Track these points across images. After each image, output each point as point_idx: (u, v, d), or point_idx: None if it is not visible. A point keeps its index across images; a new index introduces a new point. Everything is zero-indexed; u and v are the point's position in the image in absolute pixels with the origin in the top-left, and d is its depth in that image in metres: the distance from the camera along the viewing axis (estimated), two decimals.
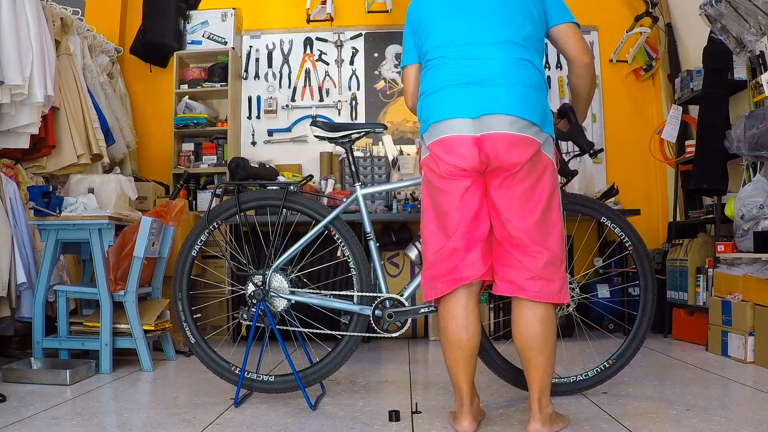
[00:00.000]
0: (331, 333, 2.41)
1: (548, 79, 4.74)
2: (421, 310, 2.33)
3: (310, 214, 2.41)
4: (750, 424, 1.97)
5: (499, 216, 1.91)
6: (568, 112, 2.29)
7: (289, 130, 4.79)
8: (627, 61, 4.72)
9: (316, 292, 2.40)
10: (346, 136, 2.40)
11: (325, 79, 4.82)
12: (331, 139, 2.42)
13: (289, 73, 4.84)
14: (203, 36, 4.66)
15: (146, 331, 3.11)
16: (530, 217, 1.89)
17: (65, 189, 3.48)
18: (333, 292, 2.43)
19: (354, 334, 2.36)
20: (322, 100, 4.81)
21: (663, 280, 3.89)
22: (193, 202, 4.51)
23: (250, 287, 2.34)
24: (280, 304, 2.36)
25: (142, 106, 4.82)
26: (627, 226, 2.39)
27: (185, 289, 2.46)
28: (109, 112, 4.19)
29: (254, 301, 2.32)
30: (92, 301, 3.22)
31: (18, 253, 3.10)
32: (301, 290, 2.39)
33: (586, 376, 2.38)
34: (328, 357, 2.38)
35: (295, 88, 4.82)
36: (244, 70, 4.85)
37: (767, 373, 2.76)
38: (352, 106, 4.79)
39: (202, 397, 2.47)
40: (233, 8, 4.67)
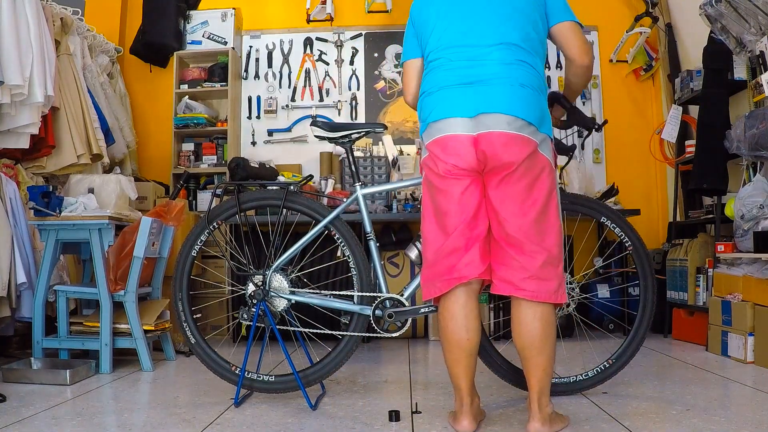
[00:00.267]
0: (332, 333, 2.41)
1: (548, 79, 4.73)
2: (422, 310, 2.33)
3: (310, 214, 2.41)
4: (750, 424, 1.97)
5: (497, 215, 1.91)
6: (560, 98, 2.30)
7: (289, 130, 4.79)
8: (627, 61, 4.72)
9: (316, 292, 2.40)
10: (346, 136, 2.40)
11: (325, 79, 4.82)
12: (331, 139, 2.42)
13: (289, 73, 4.84)
14: (203, 36, 4.66)
15: (146, 331, 3.11)
16: (527, 216, 1.89)
17: (65, 189, 3.48)
18: (333, 292, 2.43)
19: (354, 334, 2.36)
20: (322, 100, 4.81)
21: (663, 280, 3.89)
22: (193, 202, 4.51)
23: (251, 287, 2.34)
24: (281, 304, 2.36)
25: (142, 106, 4.82)
26: (627, 227, 2.39)
27: (185, 289, 2.46)
28: (109, 112, 4.19)
29: (254, 301, 2.32)
30: (92, 301, 3.22)
31: (18, 253, 3.10)
32: (301, 290, 2.38)
33: (586, 376, 2.38)
34: (328, 357, 2.38)
35: (295, 88, 4.82)
36: (244, 70, 4.86)
37: (767, 373, 2.76)
38: (352, 106, 4.79)
39: (202, 397, 2.47)
40: (233, 8, 4.67)
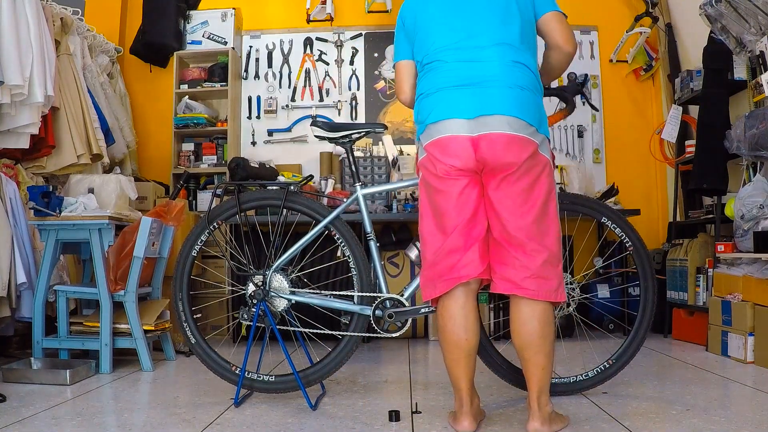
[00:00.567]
0: (332, 333, 2.41)
1: None
2: (422, 310, 2.33)
3: (310, 214, 2.41)
4: (750, 424, 1.97)
5: (497, 215, 1.92)
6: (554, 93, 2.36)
7: (289, 130, 4.79)
8: (627, 61, 4.72)
9: (316, 292, 2.40)
10: (347, 136, 2.40)
11: (325, 79, 4.82)
12: (331, 139, 2.42)
13: (289, 73, 4.84)
14: (203, 36, 4.66)
15: (146, 331, 3.11)
16: (528, 216, 1.90)
17: (65, 189, 3.48)
18: (333, 292, 2.43)
19: (354, 334, 2.36)
20: (322, 100, 4.81)
21: (663, 280, 3.89)
22: (193, 202, 4.51)
23: (251, 287, 2.34)
24: (281, 304, 2.36)
25: (142, 106, 4.81)
26: (627, 227, 2.39)
27: (185, 289, 2.46)
28: (109, 112, 4.19)
29: (254, 301, 2.32)
30: (92, 301, 3.22)
31: (18, 253, 3.10)
32: (301, 290, 2.39)
33: (586, 376, 2.38)
34: (328, 357, 2.38)
35: (295, 88, 4.82)
36: (244, 70, 4.85)
37: (767, 373, 2.76)
38: (352, 106, 4.79)
39: (202, 397, 2.47)
40: (233, 8, 4.67)
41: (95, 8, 4.65)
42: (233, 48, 4.63)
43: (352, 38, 4.84)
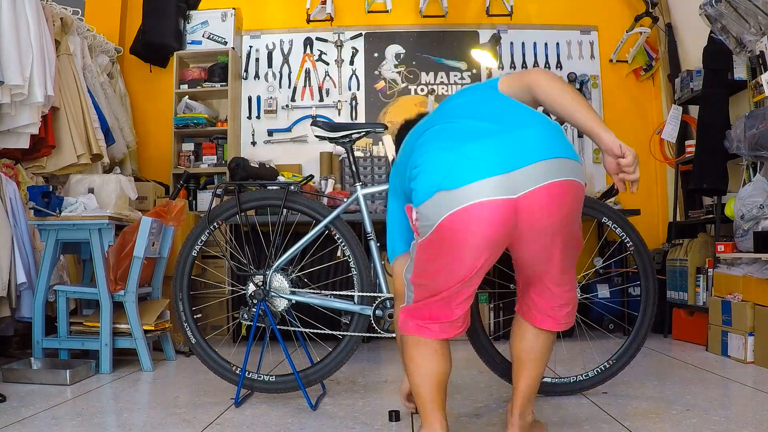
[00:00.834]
0: (332, 333, 2.41)
1: None
2: None
3: (310, 214, 2.41)
4: (750, 424, 1.97)
5: (526, 262, 1.68)
6: None
7: (289, 130, 4.79)
8: (627, 61, 4.72)
9: (316, 292, 2.40)
10: (347, 136, 2.40)
11: (325, 79, 4.82)
12: (331, 139, 2.42)
13: (289, 73, 4.84)
14: (203, 36, 4.66)
15: (146, 331, 3.10)
16: (567, 261, 1.69)
17: (65, 189, 3.48)
18: (333, 292, 2.43)
19: (354, 334, 2.36)
20: (322, 100, 4.80)
21: (663, 280, 3.89)
22: (193, 202, 4.51)
23: (251, 287, 2.34)
24: (281, 304, 2.36)
25: (142, 106, 4.81)
26: (628, 227, 2.38)
27: (186, 289, 2.46)
28: (109, 112, 4.19)
29: (255, 301, 2.32)
30: (92, 301, 3.22)
31: (18, 253, 3.10)
32: (301, 290, 2.38)
33: (586, 376, 2.38)
34: (328, 357, 2.38)
35: (295, 88, 4.82)
36: (244, 70, 4.85)
37: (767, 373, 2.76)
38: (352, 106, 4.79)
39: (202, 397, 2.47)
40: (233, 8, 4.67)
41: (95, 8, 4.65)
42: (233, 48, 4.63)
43: (352, 38, 4.84)
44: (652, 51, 4.67)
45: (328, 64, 4.84)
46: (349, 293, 2.39)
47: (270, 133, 4.79)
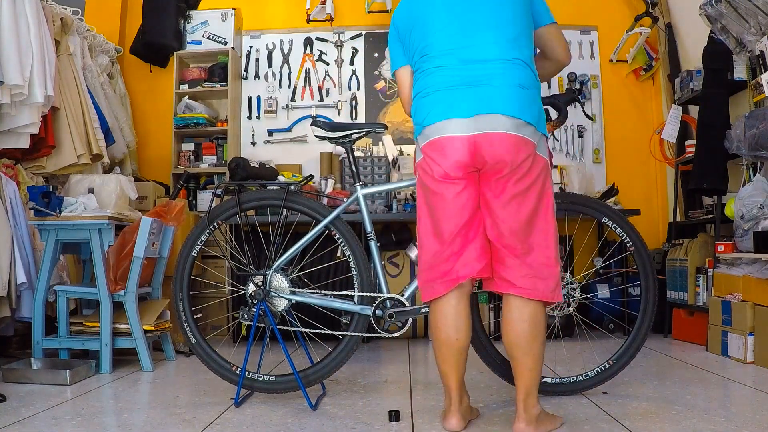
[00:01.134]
0: (332, 333, 2.41)
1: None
2: (422, 310, 2.33)
3: (310, 214, 2.41)
4: (750, 424, 1.97)
5: (492, 216, 1.91)
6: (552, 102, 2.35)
7: (289, 130, 4.79)
8: (627, 61, 4.72)
9: (316, 292, 2.40)
10: (347, 136, 2.40)
11: (325, 79, 4.82)
12: (331, 139, 2.42)
13: (289, 73, 4.84)
14: (203, 36, 4.66)
15: (146, 331, 3.11)
16: (522, 216, 1.89)
17: (65, 189, 3.48)
18: (333, 292, 2.43)
19: (354, 334, 2.36)
20: (322, 100, 4.81)
21: (663, 280, 3.89)
22: (193, 202, 4.51)
23: (251, 287, 2.34)
24: (281, 304, 2.36)
25: (142, 106, 4.81)
26: (628, 227, 2.38)
27: (186, 289, 2.46)
28: (109, 112, 4.19)
29: (255, 301, 2.32)
30: (92, 301, 3.22)
31: (18, 253, 3.10)
32: (301, 290, 2.39)
33: (586, 376, 2.38)
34: (328, 357, 2.38)
35: (295, 88, 4.82)
36: (244, 70, 4.85)
37: (767, 373, 2.76)
38: (352, 106, 4.79)
39: (202, 397, 2.47)
40: (233, 8, 4.66)
41: (95, 8, 4.65)
42: (233, 48, 4.63)
43: (352, 38, 4.84)
44: (652, 51, 4.67)
45: (328, 64, 4.84)
46: (349, 293, 2.39)
47: (270, 133, 4.79)
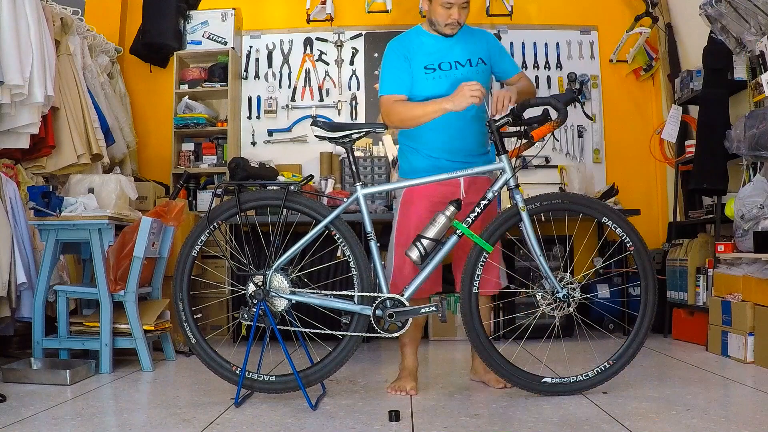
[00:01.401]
0: (332, 333, 2.41)
1: (548, 79, 4.74)
2: (422, 310, 2.33)
3: (310, 214, 2.41)
4: (750, 424, 1.97)
5: None
6: (522, 112, 2.38)
7: (289, 130, 4.79)
8: (627, 61, 4.71)
9: (316, 292, 2.40)
10: (347, 136, 2.40)
11: (325, 79, 4.82)
12: (331, 139, 2.42)
13: (289, 73, 4.84)
14: (203, 36, 4.65)
15: (146, 331, 3.11)
16: None
17: (65, 189, 3.48)
18: (333, 292, 2.43)
19: (354, 334, 2.36)
20: (322, 100, 4.80)
21: (663, 280, 3.89)
22: (193, 202, 4.51)
23: (251, 287, 2.34)
24: (281, 304, 2.36)
25: (142, 106, 4.81)
26: (628, 227, 2.38)
27: (186, 289, 2.45)
28: (109, 112, 4.19)
29: (255, 301, 2.32)
30: (92, 301, 3.22)
31: (18, 253, 3.10)
32: (301, 290, 2.38)
33: (586, 376, 2.38)
34: (328, 357, 2.38)
35: (295, 88, 4.82)
36: (244, 70, 4.85)
37: (767, 373, 2.76)
38: (352, 106, 4.79)
39: (202, 397, 2.47)
40: (233, 8, 4.66)
41: (95, 8, 4.65)
42: (233, 48, 4.63)
43: (352, 38, 4.84)
44: (652, 51, 4.67)
45: (328, 64, 4.84)
46: (349, 293, 2.39)
47: (270, 133, 4.79)
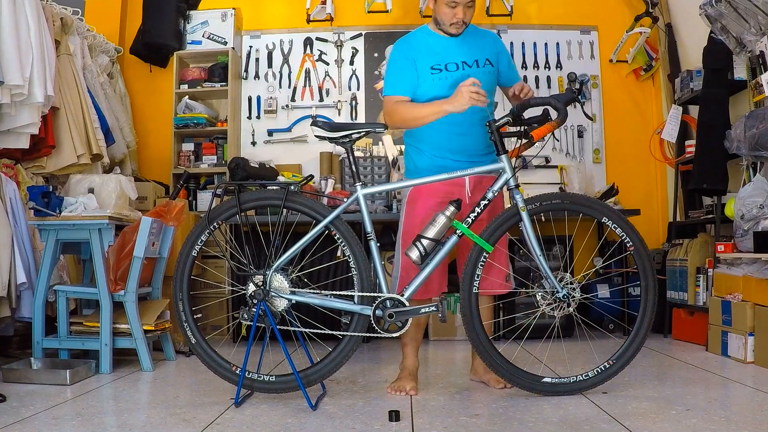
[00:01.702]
0: (332, 333, 2.41)
1: (548, 79, 4.75)
2: (422, 310, 2.33)
3: (310, 214, 2.41)
4: (750, 424, 1.97)
5: None
6: (522, 112, 2.39)
7: (289, 130, 4.79)
8: (627, 61, 4.71)
9: (316, 292, 2.40)
10: (347, 136, 2.40)
11: (325, 79, 4.82)
12: (331, 139, 2.42)
13: (289, 73, 4.84)
14: (203, 36, 4.65)
15: (146, 331, 3.11)
16: None
17: (65, 189, 3.48)
18: (333, 292, 2.43)
19: (354, 334, 2.36)
20: (322, 100, 4.80)
21: (663, 280, 3.89)
22: (193, 202, 4.51)
23: (251, 287, 2.34)
24: (281, 304, 2.36)
25: (142, 106, 4.81)
26: (628, 227, 2.38)
27: (186, 289, 2.45)
28: (109, 112, 4.19)
29: (255, 301, 2.32)
30: (92, 301, 3.22)
31: (18, 253, 3.10)
32: (301, 290, 2.38)
33: (586, 376, 2.38)
34: (328, 357, 2.38)
35: (295, 88, 4.82)
36: (244, 70, 4.85)
37: (767, 373, 2.76)
38: (352, 106, 4.79)
39: (202, 397, 2.47)
40: (233, 8, 4.66)
41: (95, 8, 4.64)
42: (233, 48, 4.63)
43: (352, 38, 4.83)
44: (652, 51, 4.67)
45: (328, 64, 4.84)
46: (349, 293, 2.39)
47: (270, 133, 4.79)
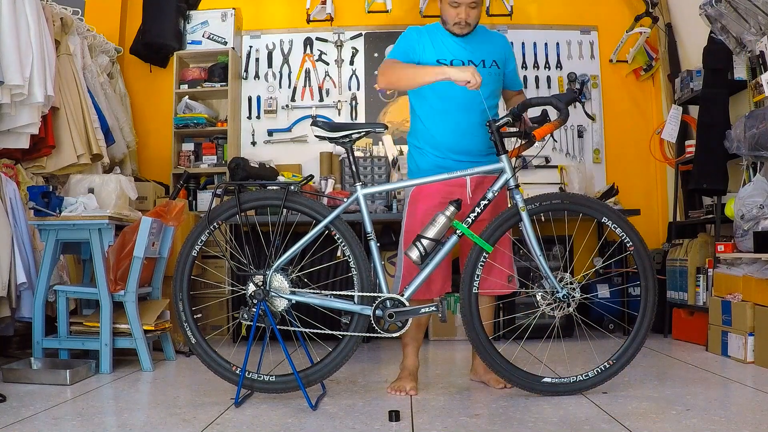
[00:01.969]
0: (332, 333, 2.41)
1: (548, 79, 4.75)
2: (422, 310, 2.33)
3: (310, 214, 2.41)
4: (750, 424, 1.97)
5: None
6: (523, 112, 2.40)
7: (289, 130, 4.79)
8: (627, 61, 4.72)
9: (316, 292, 2.40)
10: (347, 136, 2.40)
11: (325, 79, 4.82)
12: (331, 139, 2.42)
13: (289, 73, 4.84)
14: (203, 36, 4.65)
15: (146, 331, 3.11)
16: None
17: (65, 189, 3.48)
18: (333, 292, 2.43)
19: (354, 334, 2.36)
20: (322, 100, 4.81)
21: (663, 280, 3.89)
22: (193, 202, 4.51)
23: (251, 287, 2.34)
24: (281, 304, 2.36)
25: (142, 106, 4.81)
26: (628, 227, 2.38)
27: (185, 289, 2.45)
28: (109, 112, 4.19)
29: (255, 301, 2.32)
30: (92, 301, 3.22)
31: (18, 253, 3.10)
32: (301, 290, 2.39)
33: (586, 376, 2.38)
34: (328, 357, 2.38)
35: (295, 88, 4.82)
36: (244, 70, 4.85)
37: (767, 373, 2.76)
38: (352, 106, 4.79)
39: (202, 397, 2.47)
40: (233, 8, 4.66)
41: (95, 8, 4.64)
42: (233, 48, 4.63)
43: (352, 38, 4.84)
44: (652, 51, 4.67)
45: (328, 64, 4.84)
46: (349, 293, 2.40)
47: (270, 133, 4.79)
